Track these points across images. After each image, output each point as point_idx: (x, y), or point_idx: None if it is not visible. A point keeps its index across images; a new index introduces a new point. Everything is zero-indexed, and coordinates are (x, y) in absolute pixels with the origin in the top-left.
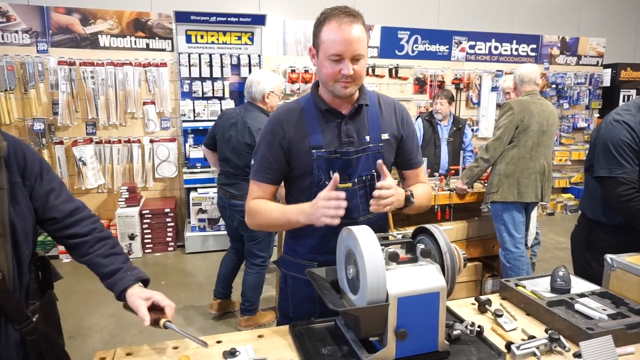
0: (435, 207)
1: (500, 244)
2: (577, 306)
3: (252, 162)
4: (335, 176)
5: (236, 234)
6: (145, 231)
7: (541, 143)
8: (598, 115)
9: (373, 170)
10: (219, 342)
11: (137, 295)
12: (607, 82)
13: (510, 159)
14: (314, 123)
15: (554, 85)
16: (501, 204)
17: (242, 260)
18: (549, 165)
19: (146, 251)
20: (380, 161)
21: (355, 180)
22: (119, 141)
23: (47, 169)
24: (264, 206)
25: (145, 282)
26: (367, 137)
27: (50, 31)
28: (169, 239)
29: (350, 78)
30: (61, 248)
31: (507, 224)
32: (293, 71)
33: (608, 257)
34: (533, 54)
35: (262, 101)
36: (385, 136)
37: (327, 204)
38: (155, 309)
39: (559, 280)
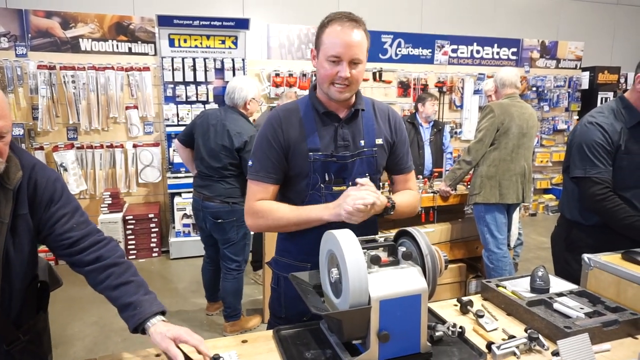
0: (420, 209)
1: (484, 245)
2: (556, 305)
3: (251, 162)
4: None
5: (209, 239)
6: (129, 237)
7: (521, 145)
8: (577, 117)
9: (367, 174)
10: None
11: (164, 335)
12: (585, 84)
13: (492, 161)
14: (312, 125)
15: (534, 88)
16: (483, 205)
17: (219, 265)
18: (529, 167)
19: (130, 257)
20: (358, 180)
21: (350, 183)
22: (101, 146)
23: (60, 193)
24: (275, 207)
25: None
26: (362, 142)
27: (30, 35)
28: (153, 245)
29: (346, 81)
30: (41, 256)
31: (490, 225)
32: (277, 75)
33: (585, 256)
34: (514, 57)
35: (244, 107)
36: (379, 141)
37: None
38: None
39: (538, 280)
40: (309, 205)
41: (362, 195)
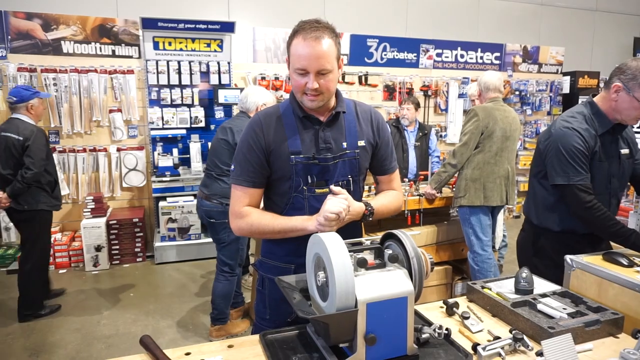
0: (405, 212)
1: (469, 247)
2: (540, 306)
3: (233, 167)
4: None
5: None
6: (113, 242)
7: (505, 148)
8: None
9: (349, 176)
10: (187, 354)
11: None
12: (566, 89)
13: (476, 164)
14: (293, 129)
15: (517, 92)
16: (468, 208)
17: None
18: (513, 170)
19: (114, 263)
20: (332, 187)
21: (332, 185)
22: (84, 150)
23: None
24: (260, 215)
25: None
26: (344, 144)
27: (9, 37)
28: (137, 250)
29: (315, 92)
30: None
31: (475, 227)
32: (263, 78)
33: (568, 257)
34: (497, 61)
35: (255, 112)
36: (361, 143)
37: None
38: None
39: (522, 281)
40: (293, 216)
41: (331, 205)
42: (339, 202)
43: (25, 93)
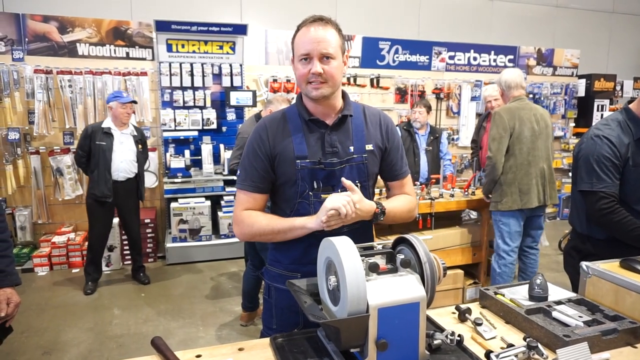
0: (417, 215)
1: (495, 248)
2: (555, 314)
3: (239, 172)
4: (349, 184)
5: (253, 245)
6: (125, 242)
7: (537, 147)
8: (574, 124)
9: (357, 181)
10: (198, 356)
11: (5, 296)
12: (581, 92)
13: (509, 168)
14: (298, 133)
15: (531, 95)
16: (500, 212)
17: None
18: (550, 167)
19: (125, 263)
20: (343, 179)
21: (339, 190)
22: None
23: None
24: (260, 216)
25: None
26: (351, 148)
27: (27, 39)
28: (149, 250)
29: (320, 78)
30: (36, 261)
31: (503, 231)
32: (275, 81)
33: (583, 264)
34: (510, 64)
35: None
36: (369, 147)
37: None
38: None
39: (536, 288)
40: (294, 218)
41: (329, 201)
42: (338, 198)
43: (108, 97)
